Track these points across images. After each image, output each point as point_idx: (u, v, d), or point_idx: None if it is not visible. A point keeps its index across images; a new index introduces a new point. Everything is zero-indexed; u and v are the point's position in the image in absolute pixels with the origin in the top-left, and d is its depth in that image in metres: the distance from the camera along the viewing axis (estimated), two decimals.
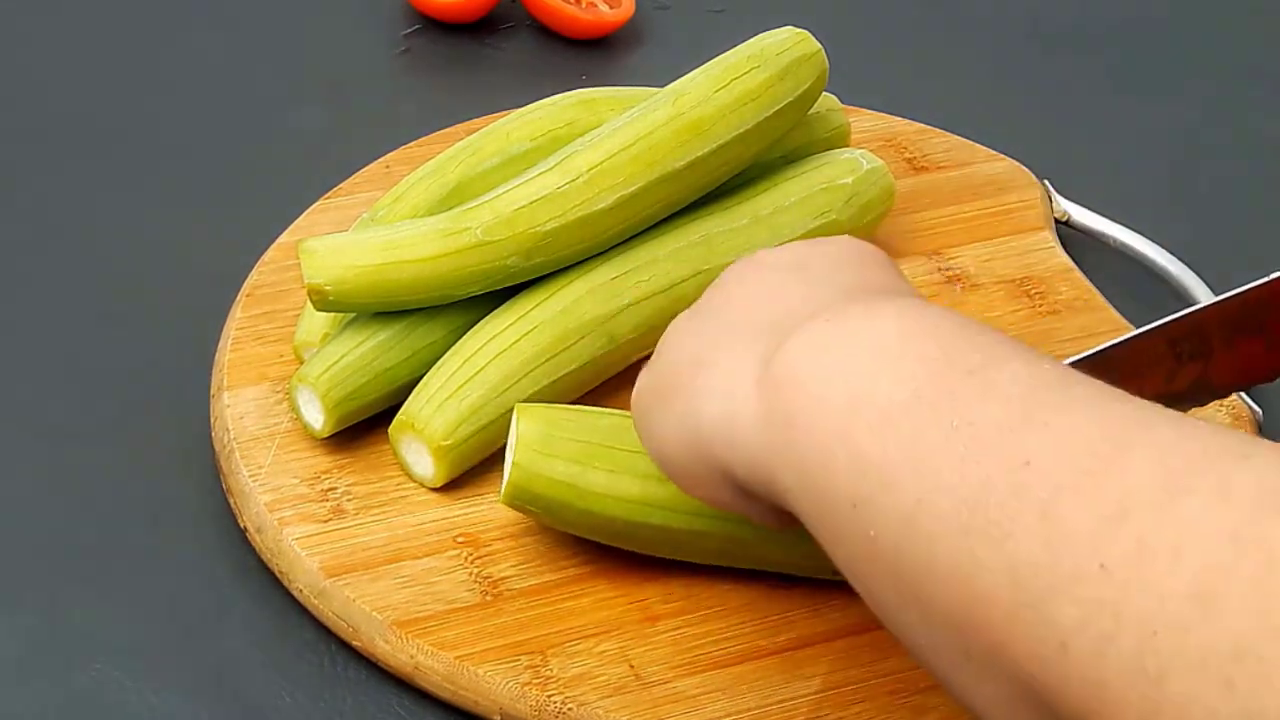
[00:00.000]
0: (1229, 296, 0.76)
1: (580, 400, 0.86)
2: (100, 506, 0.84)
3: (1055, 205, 1.00)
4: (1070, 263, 0.97)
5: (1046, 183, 1.01)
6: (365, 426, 0.84)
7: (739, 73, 0.89)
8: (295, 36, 1.12)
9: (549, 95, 0.93)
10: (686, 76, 0.90)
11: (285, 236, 0.94)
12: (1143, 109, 1.11)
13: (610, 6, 1.12)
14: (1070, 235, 1.00)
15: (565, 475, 0.77)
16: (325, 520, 0.81)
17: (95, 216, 0.99)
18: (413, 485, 0.83)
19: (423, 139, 1.00)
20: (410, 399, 0.82)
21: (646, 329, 0.86)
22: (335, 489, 0.82)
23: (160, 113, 1.06)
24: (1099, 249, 1.00)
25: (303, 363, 0.85)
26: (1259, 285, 0.76)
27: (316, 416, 0.83)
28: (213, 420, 0.86)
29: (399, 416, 0.82)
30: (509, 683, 0.76)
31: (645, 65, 1.11)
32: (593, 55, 1.12)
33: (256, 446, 0.84)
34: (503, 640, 0.77)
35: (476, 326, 0.84)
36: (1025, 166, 1.01)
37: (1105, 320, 0.93)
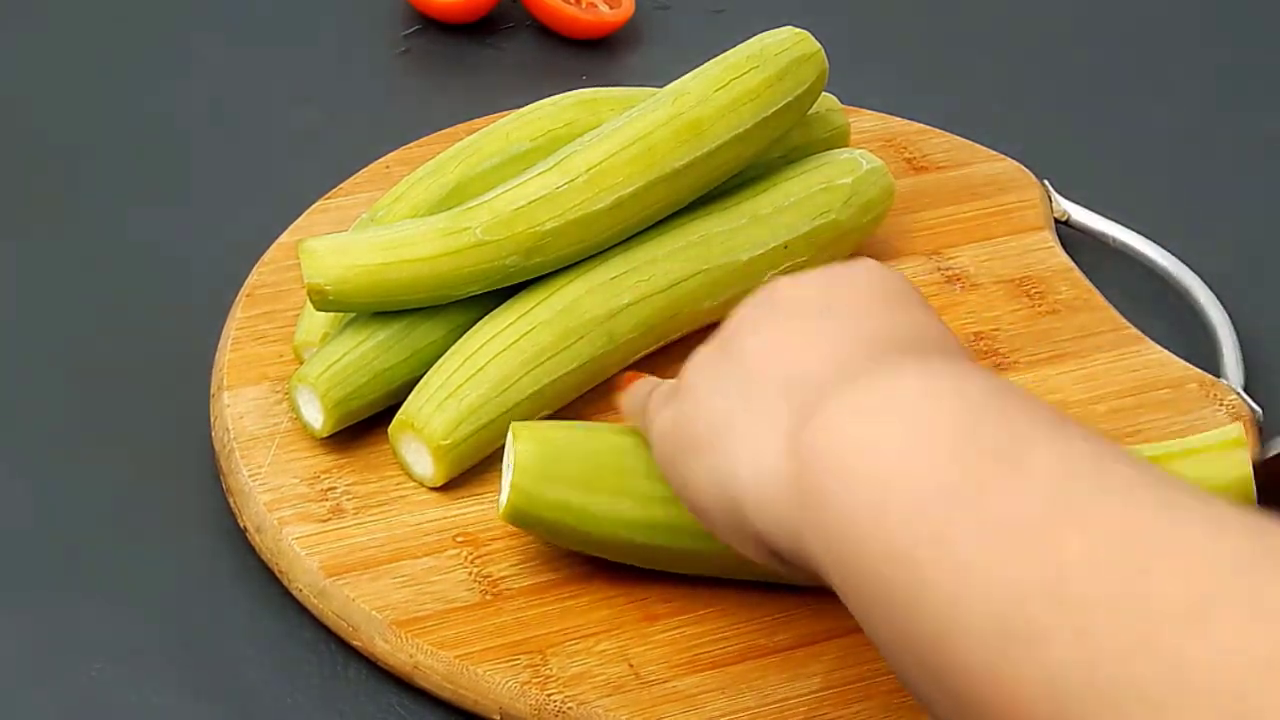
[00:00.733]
0: None
1: (580, 399, 0.86)
2: (100, 506, 0.84)
3: (1055, 205, 1.00)
4: (1070, 262, 0.97)
5: (1046, 183, 1.01)
6: (365, 426, 0.84)
7: (738, 73, 0.89)
8: (295, 37, 1.12)
9: (549, 95, 0.93)
10: (686, 76, 0.90)
11: (285, 236, 0.94)
12: (1143, 109, 1.11)
13: (610, 6, 1.12)
14: (1070, 235, 1.00)
15: (565, 499, 0.77)
16: (325, 520, 0.81)
17: (95, 216, 0.99)
18: (412, 485, 0.83)
19: (423, 139, 1.00)
20: (410, 398, 0.82)
21: (646, 328, 0.86)
22: (335, 488, 0.82)
23: (160, 113, 1.06)
24: (1099, 249, 1.00)
25: (302, 362, 0.85)
26: None
27: (316, 416, 0.83)
28: (212, 420, 0.86)
29: (398, 416, 0.82)
30: (508, 682, 0.76)
31: (645, 65, 1.11)
32: (593, 55, 1.12)
33: (256, 446, 0.84)
34: (502, 639, 0.77)
35: (476, 326, 0.84)
36: (1025, 166, 1.01)
37: (1105, 320, 0.93)
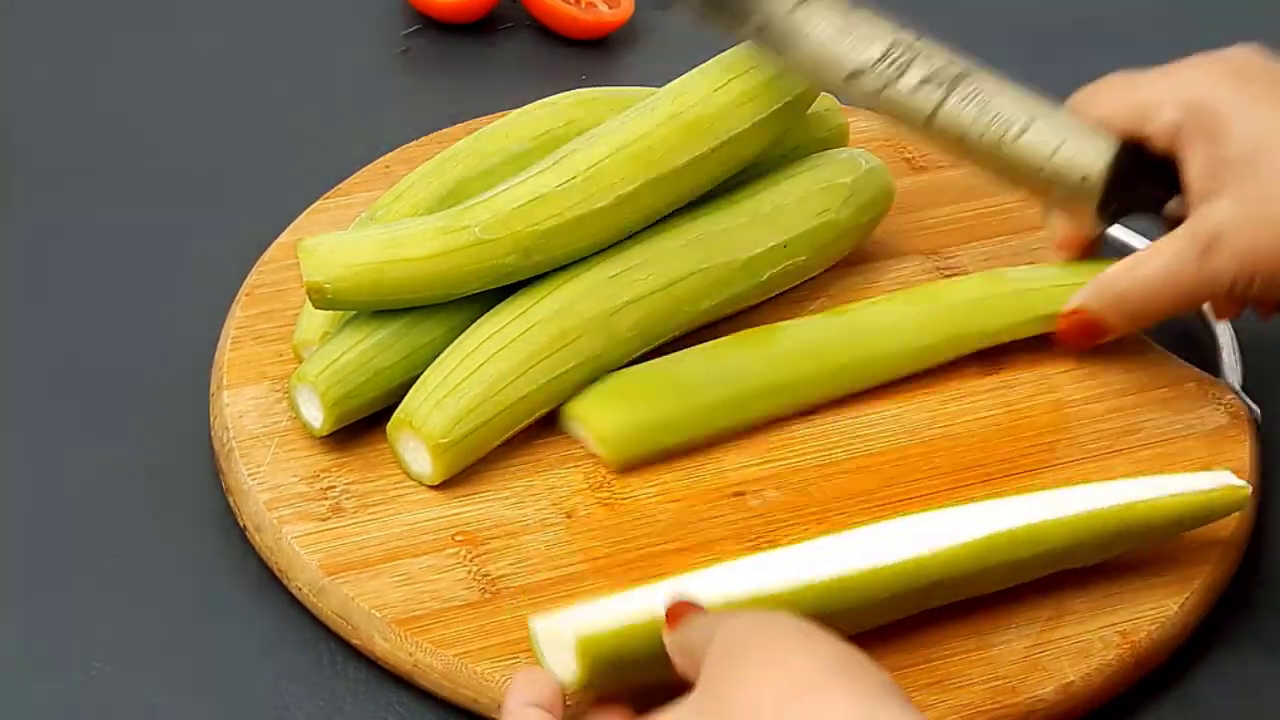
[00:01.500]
0: None
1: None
2: (100, 506, 0.84)
3: None
4: None
5: None
6: (364, 425, 0.84)
7: (737, 72, 0.89)
8: (295, 36, 1.12)
9: (549, 95, 0.93)
10: (685, 76, 0.90)
11: (285, 236, 0.94)
12: None
13: (610, 6, 1.12)
14: None
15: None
16: (324, 518, 0.81)
17: (95, 217, 0.99)
18: (411, 483, 0.83)
19: (423, 139, 1.00)
20: (408, 397, 0.83)
21: (644, 327, 0.86)
22: (334, 487, 0.83)
23: (160, 112, 1.06)
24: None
25: (302, 361, 0.85)
26: None
27: (315, 415, 0.83)
28: (212, 419, 0.86)
29: (397, 414, 0.82)
30: (507, 680, 0.76)
31: (645, 65, 1.11)
32: (593, 55, 1.12)
33: (256, 445, 0.84)
34: (501, 638, 0.77)
35: (475, 324, 0.85)
36: None
37: None
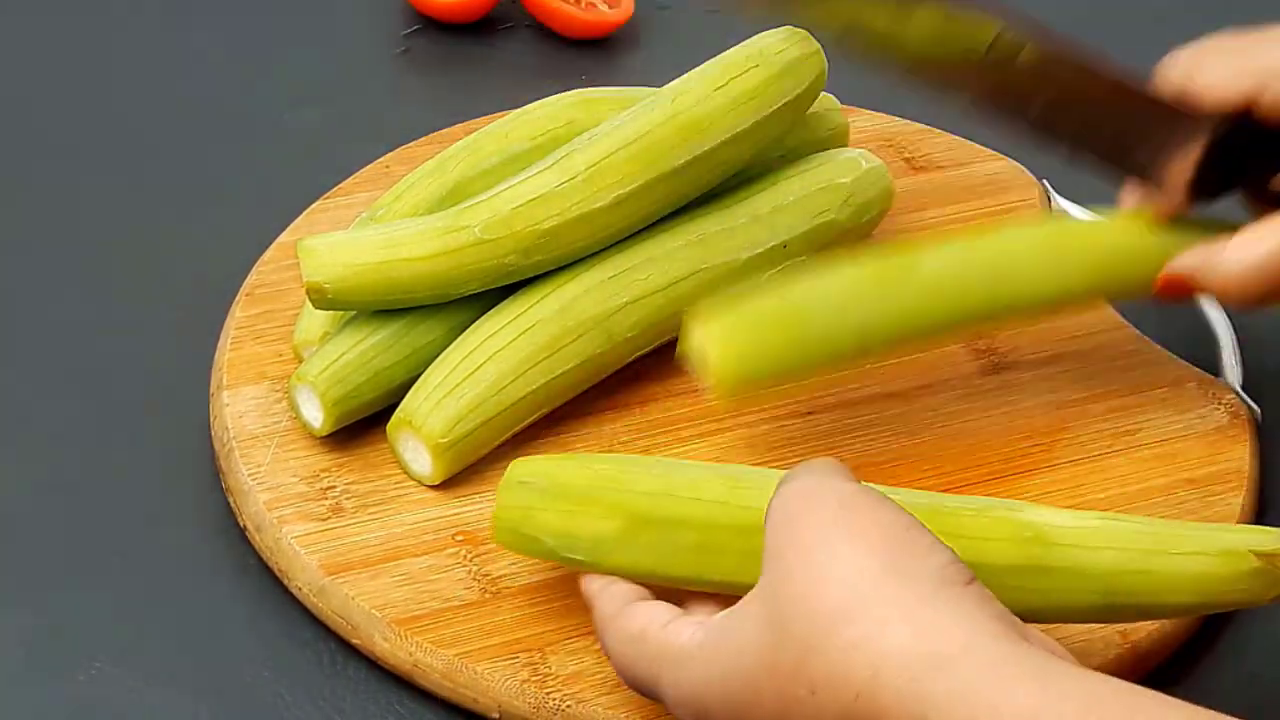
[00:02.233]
0: None
1: (578, 398, 0.86)
2: (100, 506, 0.84)
3: (1053, 205, 1.00)
4: None
5: (1045, 182, 1.01)
6: (364, 425, 0.84)
7: (737, 72, 0.89)
8: (295, 36, 1.12)
9: (549, 95, 0.93)
10: (685, 75, 0.90)
11: (285, 236, 0.94)
12: None
13: (610, 6, 1.12)
14: None
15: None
16: (324, 518, 0.81)
17: (95, 216, 0.99)
18: (412, 483, 0.83)
19: (423, 139, 1.00)
20: (408, 396, 0.83)
21: (644, 327, 0.86)
22: (334, 487, 0.83)
23: (160, 112, 1.06)
24: None
25: (302, 361, 0.85)
26: None
27: (315, 415, 0.83)
28: (212, 419, 0.86)
29: (397, 414, 0.82)
30: (508, 680, 0.76)
31: (645, 65, 1.11)
32: (593, 55, 1.12)
33: (256, 445, 0.84)
34: (501, 638, 0.77)
35: (475, 324, 0.85)
36: (1024, 166, 1.01)
37: (1104, 319, 0.93)
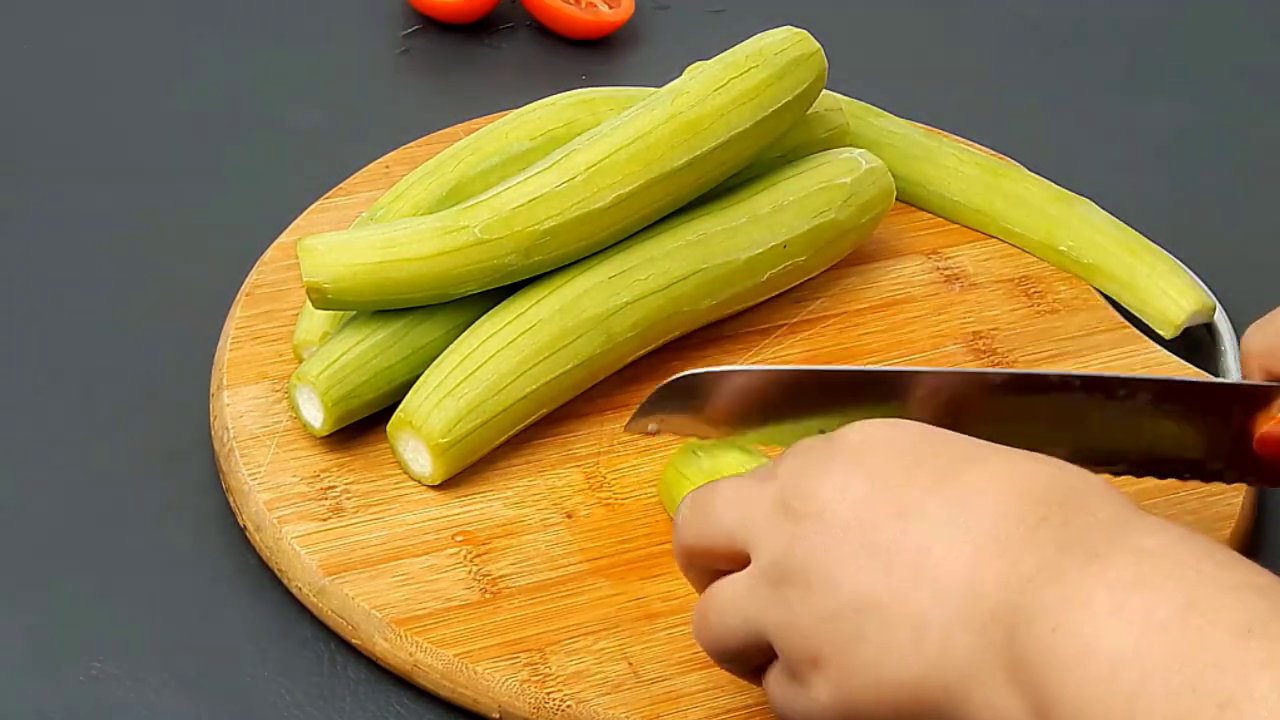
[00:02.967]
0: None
1: (578, 398, 0.86)
2: (100, 506, 0.84)
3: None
4: None
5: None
6: (364, 425, 0.84)
7: (737, 72, 0.89)
8: (295, 36, 1.12)
9: (549, 95, 0.93)
10: (685, 75, 0.90)
11: (285, 236, 0.94)
12: (1143, 109, 1.11)
13: (610, 6, 1.12)
14: None
15: None
16: (324, 519, 0.81)
17: (95, 216, 0.99)
18: (412, 483, 0.83)
19: (423, 139, 1.00)
20: (408, 396, 0.83)
21: (644, 328, 0.86)
22: (334, 487, 0.83)
23: (160, 113, 1.06)
24: None
25: (302, 361, 0.85)
26: None
27: (316, 415, 0.83)
28: (212, 419, 0.86)
29: (397, 414, 0.82)
30: (508, 680, 0.76)
31: (645, 65, 1.11)
32: (593, 55, 1.12)
33: (256, 445, 0.84)
34: (501, 638, 0.77)
35: (475, 324, 0.84)
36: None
37: (1104, 320, 0.94)
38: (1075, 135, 1.09)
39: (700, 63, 0.92)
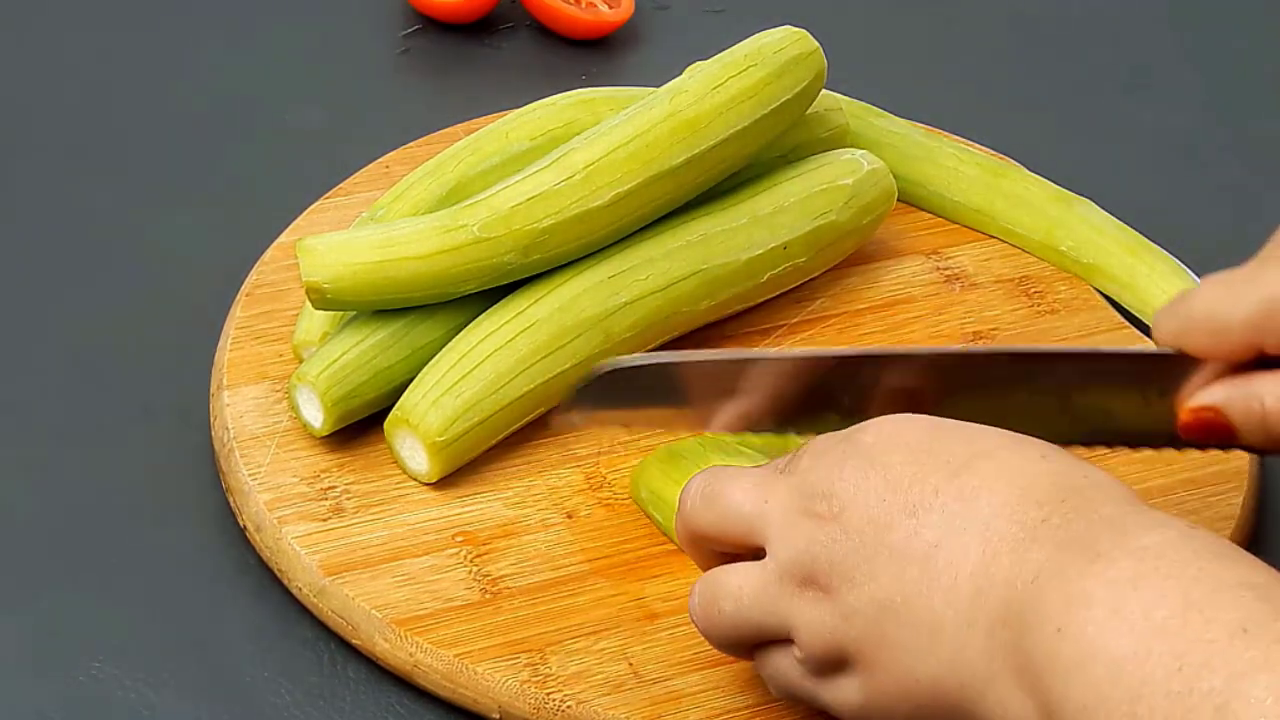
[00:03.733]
0: None
1: None
2: (100, 506, 0.84)
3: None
4: None
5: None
6: (364, 425, 0.84)
7: (736, 71, 0.89)
8: (295, 36, 1.12)
9: (549, 95, 0.93)
10: (684, 75, 0.90)
11: (285, 236, 0.94)
12: (1143, 109, 1.11)
13: (610, 6, 1.12)
14: None
15: None
16: (324, 519, 0.81)
17: (95, 216, 0.99)
18: (412, 484, 0.83)
19: (423, 139, 1.00)
20: (406, 394, 0.83)
21: (643, 328, 0.86)
22: (334, 487, 0.83)
23: (160, 113, 1.06)
24: None
25: (302, 362, 0.85)
26: None
27: (316, 415, 0.83)
28: (212, 419, 0.86)
29: (394, 412, 0.82)
30: (508, 680, 0.76)
31: (645, 65, 1.11)
32: (593, 55, 1.12)
33: (256, 445, 0.84)
34: (502, 638, 0.77)
35: (473, 323, 0.84)
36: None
37: (1104, 320, 0.94)
38: (1075, 135, 1.09)
39: (700, 62, 0.92)
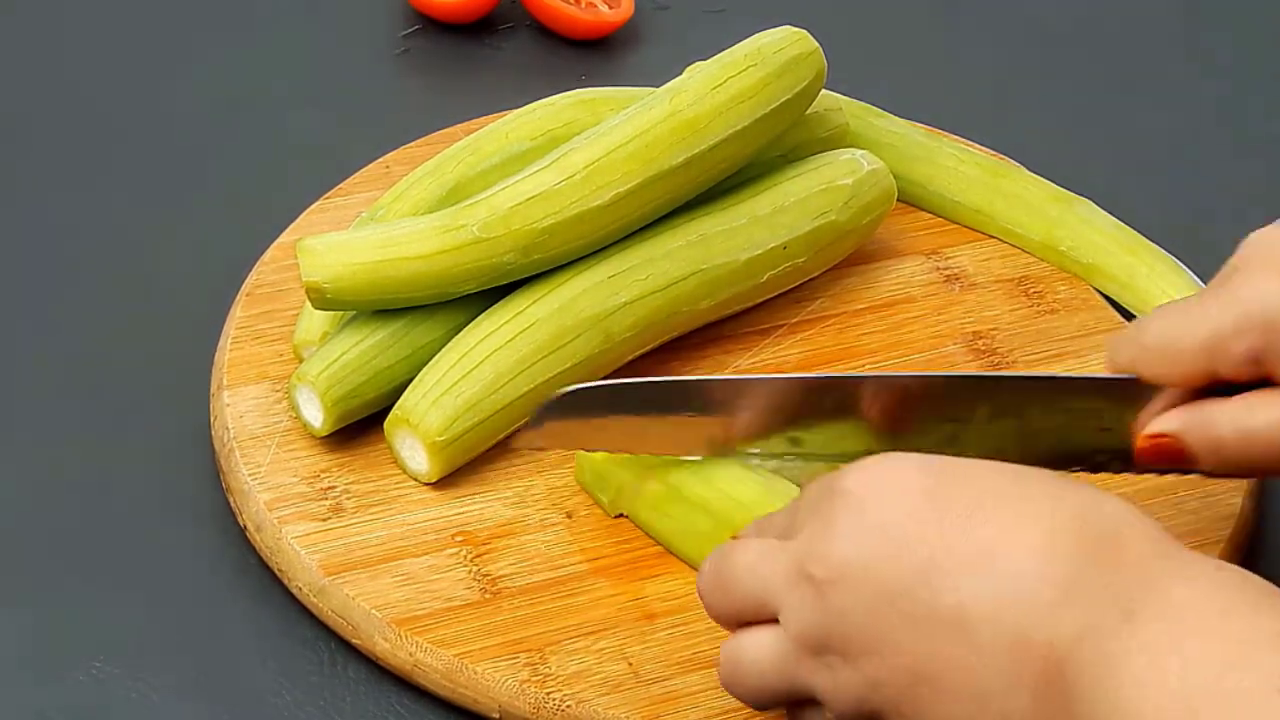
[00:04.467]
0: None
1: None
2: (100, 506, 0.84)
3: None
4: None
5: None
6: (364, 425, 0.84)
7: (735, 71, 0.89)
8: (295, 37, 1.12)
9: (549, 95, 0.93)
10: (684, 75, 0.90)
11: (285, 236, 0.94)
12: (1142, 109, 1.11)
13: (610, 6, 1.12)
14: None
15: None
16: (324, 519, 0.81)
17: (95, 216, 0.99)
18: (412, 483, 0.83)
19: (423, 139, 1.00)
20: (406, 394, 0.83)
21: (643, 328, 0.86)
22: (334, 487, 0.83)
23: (160, 113, 1.06)
24: None
25: (302, 361, 0.85)
26: None
27: (316, 415, 0.83)
28: (212, 419, 0.86)
29: (394, 411, 0.82)
30: (508, 680, 0.76)
31: (645, 65, 1.11)
32: (592, 55, 1.12)
33: (256, 445, 0.84)
34: (501, 638, 0.77)
35: (473, 323, 0.84)
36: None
37: (1104, 319, 0.94)
38: (1075, 135, 1.09)
39: (699, 62, 0.92)
